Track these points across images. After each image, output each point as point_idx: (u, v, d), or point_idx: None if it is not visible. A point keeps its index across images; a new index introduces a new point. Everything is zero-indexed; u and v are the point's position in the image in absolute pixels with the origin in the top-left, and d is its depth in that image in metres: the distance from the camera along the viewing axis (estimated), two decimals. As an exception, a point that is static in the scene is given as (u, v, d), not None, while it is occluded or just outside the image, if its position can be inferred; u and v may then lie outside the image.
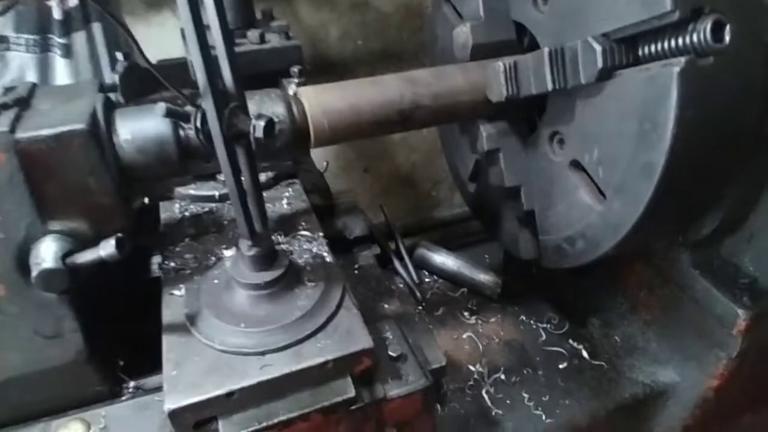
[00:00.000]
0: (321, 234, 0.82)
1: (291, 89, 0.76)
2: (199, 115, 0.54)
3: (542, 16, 0.74)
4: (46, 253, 0.56)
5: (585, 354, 1.03)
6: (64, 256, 0.57)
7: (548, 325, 1.08)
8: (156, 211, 0.88)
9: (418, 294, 1.11)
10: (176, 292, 0.71)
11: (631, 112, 0.63)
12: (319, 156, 1.09)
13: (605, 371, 1.01)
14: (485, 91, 0.75)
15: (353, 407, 0.64)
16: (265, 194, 0.92)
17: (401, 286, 1.11)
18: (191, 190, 0.90)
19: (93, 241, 0.59)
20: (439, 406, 0.90)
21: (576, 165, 0.73)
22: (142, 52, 0.57)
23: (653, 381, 0.99)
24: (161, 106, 0.51)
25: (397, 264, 1.16)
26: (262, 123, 0.54)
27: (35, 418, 0.66)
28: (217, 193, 0.89)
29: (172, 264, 0.76)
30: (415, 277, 1.13)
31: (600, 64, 0.63)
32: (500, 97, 0.72)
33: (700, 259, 0.91)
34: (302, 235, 0.82)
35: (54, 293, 0.58)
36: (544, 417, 0.92)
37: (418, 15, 2.04)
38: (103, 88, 0.67)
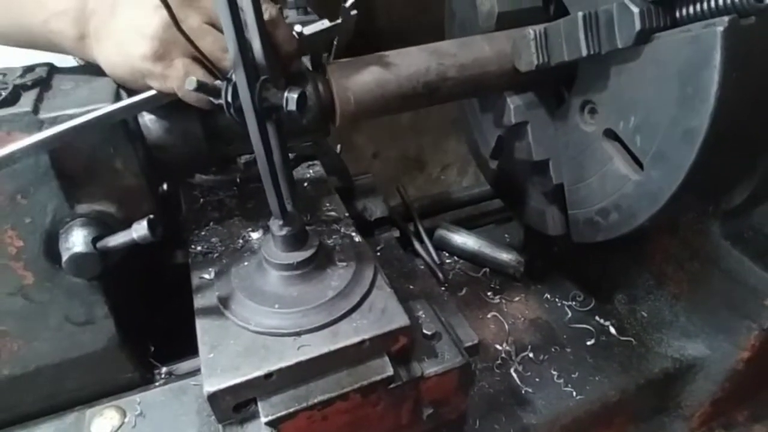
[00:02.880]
0: (347, 214, 0.80)
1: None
2: (230, 89, 0.52)
3: (571, -20, 0.71)
4: (76, 237, 0.55)
5: (612, 330, 1.02)
6: (95, 240, 0.55)
7: (573, 303, 1.06)
8: (177, 196, 0.87)
9: (440, 275, 1.10)
10: (206, 275, 0.69)
11: (671, 76, 0.61)
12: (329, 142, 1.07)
13: (634, 347, 0.99)
14: (512, 60, 0.73)
15: (391, 386, 0.63)
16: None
17: (422, 267, 1.10)
18: (212, 174, 0.88)
19: (121, 226, 0.58)
20: (468, 386, 0.89)
21: (610, 134, 0.71)
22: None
23: (682, 355, 0.98)
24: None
25: (417, 245, 1.14)
26: (294, 95, 0.52)
27: (67, 407, 0.65)
28: (238, 177, 0.88)
29: (199, 248, 0.74)
30: (436, 258, 1.12)
31: (638, 26, 0.61)
32: (530, 66, 0.70)
33: (731, 230, 0.89)
34: (328, 216, 0.80)
35: (85, 279, 0.57)
36: (574, 393, 0.91)
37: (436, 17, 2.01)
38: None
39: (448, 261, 1.15)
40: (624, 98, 0.68)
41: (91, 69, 0.61)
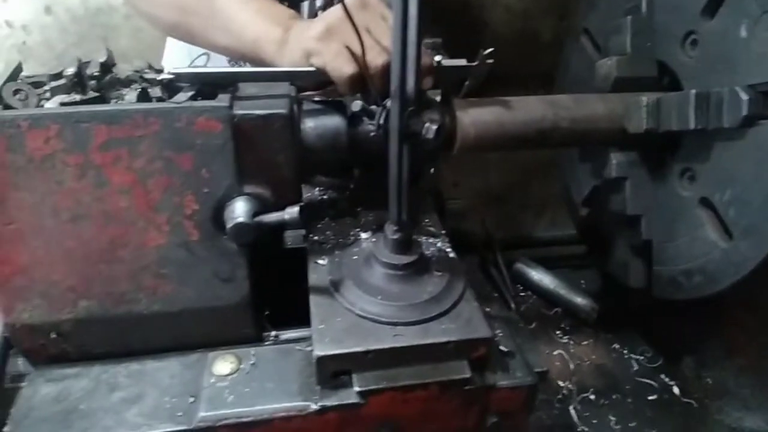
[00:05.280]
0: (443, 232, 0.90)
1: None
2: (383, 114, 0.64)
3: (689, 60, 0.78)
4: (240, 210, 0.68)
5: (676, 390, 1.04)
6: (254, 215, 0.68)
7: (641, 357, 1.09)
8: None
9: (512, 305, 1.16)
10: (320, 261, 0.81)
11: (770, 159, 0.66)
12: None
13: (694, 410, 1.01)
14: (622, 121, 0.80)
15: (466, 387, 0.71)
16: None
17: (495, 295, 1.17)
18: (330, 177, 1.01)
19: (273, 207, 0.71)
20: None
21: (705, 202, 0.77)
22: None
23: (739, 426, 0.99)
24: (357, 103, 0.62)
25: (495, 274, 1.22)
26: (434, 127, 0.63)
27: (192, 348, 0.79)
28: (351, 184, 1.00)
29: (316, 237, 0.87)
30: (511, 289, 1.19)
31: (745, 111, 0.67)
32: (639, 130, 0.77)
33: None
34: (427, 231, 0.90)
35: (239, 244, 0.70)
36: (628, 442, 0.94)
37: (534, 42, 2.09)
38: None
39: (522, 294, 1.22)
40: (723, 172, 0.74)
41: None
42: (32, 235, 0.68)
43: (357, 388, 0.68)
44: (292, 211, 0.67)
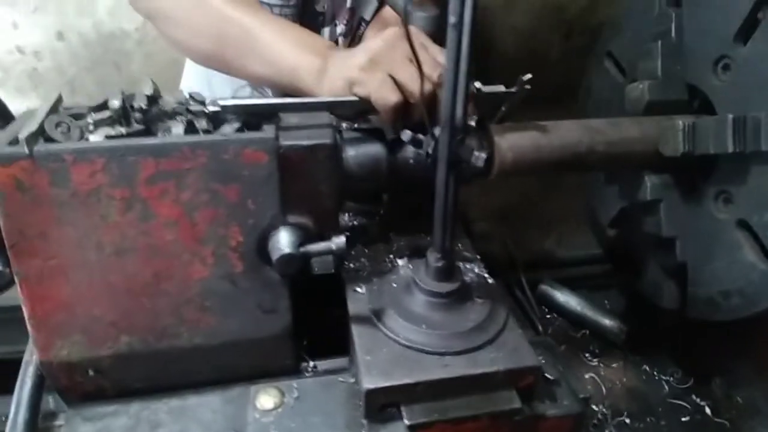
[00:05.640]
0: (478, 257, 0.90)
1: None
2: (432, 143, 0.64)
3: (721, 84, 0.79)
4: (285, 240, 0.68)
5: (708, 411, 1.03)
6: (299, 245, 0.68)
7: (671, 379, 1.09)
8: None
9: (540, 327, 1.16)
10: (358, 288, 0.81)
11: (813, 182, 0.67)
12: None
13: (727, 430, 1.00)
14: (656, 144, 0.81)
15: (516, 418, 0.70)
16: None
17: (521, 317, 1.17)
18: (360, 203, 1.01)
19: (314, 236, 0.70)
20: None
21: (743, 225, 0.77)
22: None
23: (774, 447, 0.98)
24: (407, 132, 0.62)
25: (520, 296, 1.21)
26: (484, 155, 0.63)
27: (230, 381, 0.77)
28: (381, 210, 1.00)
29: (351, 265, 0.86)
30: (537, 312, 1.18)
31: (785, 134, 0.68)
32: (675, 153, 0.78)
33: None
34: (462, 256, 0.90)
35: (287, 275, 0.69)
36: (666, 465, 0.93)
37: (543, 60, 2.12)
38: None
39: (547, 317, 1.21)
40: (761, 194, 0.74)
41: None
42: (74, 270, 0.67)
43: (407, 422, 0.67)
44: (339, 241, 0.66)
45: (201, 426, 0.71)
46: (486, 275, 0.84)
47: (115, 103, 0.65)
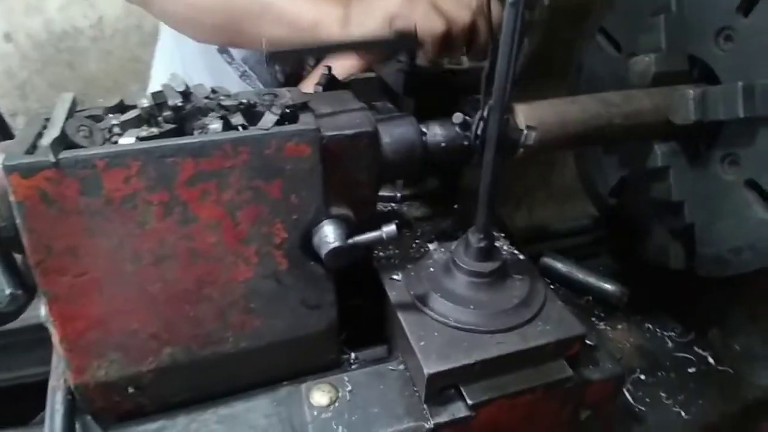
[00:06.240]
0: (503, 234, 0.91)
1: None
2: (481, 123, 0.64)
3: (723, 54, 0.84)
4: (332, 234, 0.66)
5: (711, 360, 1.11)
6: (347, 237, 0.66)
7: (672, 333, 1.15)
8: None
9: (547, 298, 1.19)
10: (395, 276, 0.80)
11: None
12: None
13: (730, 376, 1.08)
14: (666, 114, 0.85)
15: (567, 386, 0.72)
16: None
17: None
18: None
19: (355, 227, 0.69)
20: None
21: (751, 184, 0.82)
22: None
23: (771, 386, 1.07)
24: (459, 115, 0.61)
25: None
26: (533, 133, 0.64)
27: (276, 381, 0.75)
28: (398, 194, 0.99)
29: (381, 253, 0.85)
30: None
31: (794, 97, 0.73)
32: (687, 121, 0.82)
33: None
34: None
35: (337, 269, 0.68)
36: (682, 413, 0.99)
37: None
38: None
39: (551, 287, 1.25)
40: (768, 154, 0.80)
41: (334, 96, 0.74)
42: (109, 284, 0.63)
43: (469, 401, 0.68)
44: (389, 230, 0.65)
45: None
46: (516, 251, 0.86)
47: (144, 101, 0.61)
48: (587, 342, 0.78)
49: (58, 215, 0.59)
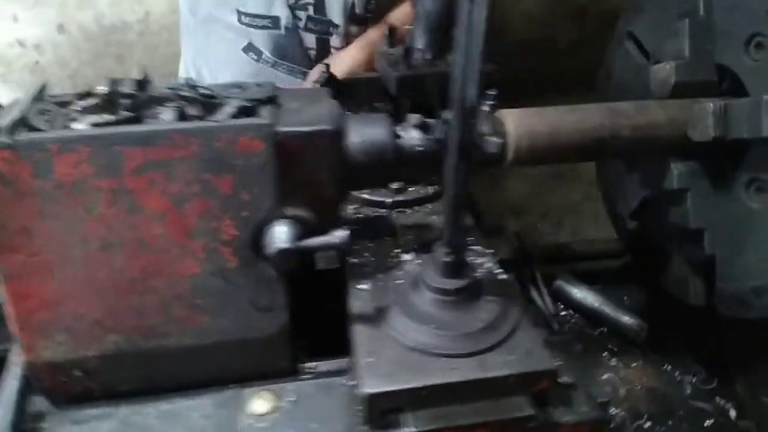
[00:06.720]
0: (491, 251, 0.84)
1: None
2: (443, 127, 0.58)
3: (755, 63, 0.73)
4: (282, 234, 0.63)
5: (732, 414, 0.97)
6: (297, 239, 0.63)
7: (694, 379, 1.03)
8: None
9: (555, 326, 1.10)
10: (362, 285, 0.76)
11: None
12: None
13: (753, 434, 0.94)
14: (685, 128, 0.75)
15: (529, 425, 0.65)
16: (429, 206, 0.97)
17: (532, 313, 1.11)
18: (365, 194, 0.96)
19: (313, 229, 0.65)
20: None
21: (780, 216, 0.71)
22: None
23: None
24: (415, 116, 0.57)
25: (534, 293, 1.16)
26: (497, 140, 0.58)
27: (222, 383, 0.72)
28: (388, 200, 0.95)
29: (355, 260, 0.81)
30: (551, 308, 1.13)
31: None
32: (706, 138, 0.72)
33: None
34: (472, 250, 0.85)
35: (283, 271, 0.65)
36: (689, 473, 0.88)
37: (553, 47, 2.04)
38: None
39: (563, 314, 1.15)
40: (801, 182, 0.68)
41: (307, 92, 0.71)
42: (58, 267, 0.63)
43: (412, 429, 0.62)
44: (341, 235, 0.61)
45: None
46: (498, 271, 0.79)
47: (102, 89, 0.61)
48: (563, 379, 0.70)
49: (12, 195, 0.60)
